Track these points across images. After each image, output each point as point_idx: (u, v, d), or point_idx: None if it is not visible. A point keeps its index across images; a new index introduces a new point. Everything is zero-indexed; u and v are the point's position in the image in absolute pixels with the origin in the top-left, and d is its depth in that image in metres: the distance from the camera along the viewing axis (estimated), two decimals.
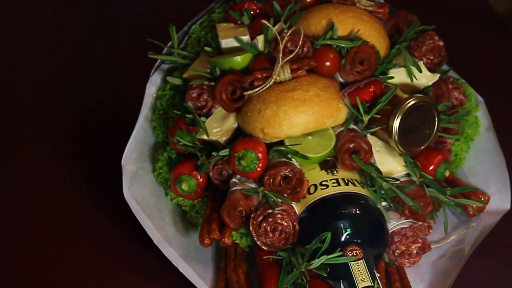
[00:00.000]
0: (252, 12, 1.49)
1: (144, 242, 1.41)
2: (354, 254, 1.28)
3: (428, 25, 1.50)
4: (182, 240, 1.43)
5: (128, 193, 1.42)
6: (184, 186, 1.42)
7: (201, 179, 1.42)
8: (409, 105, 1.36)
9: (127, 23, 1.86)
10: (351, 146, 1.37)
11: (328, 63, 1.41)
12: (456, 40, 1.74)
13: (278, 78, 1.39)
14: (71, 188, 1.53)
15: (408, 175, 1.40)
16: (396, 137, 1.37)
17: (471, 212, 1.44)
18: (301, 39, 1.39)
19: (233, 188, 1.38)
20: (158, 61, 1.52)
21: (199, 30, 1.55)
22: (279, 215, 1.32)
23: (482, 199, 1.45)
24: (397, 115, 1.36)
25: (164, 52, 1.52)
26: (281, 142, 1.39)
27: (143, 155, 1.49)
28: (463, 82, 1.55)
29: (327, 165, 1.39)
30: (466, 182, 1.49)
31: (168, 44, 1.52)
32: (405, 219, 1.38)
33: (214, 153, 1.39)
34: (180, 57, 1.52)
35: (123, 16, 1.88)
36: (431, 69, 1.46)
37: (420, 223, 1.39)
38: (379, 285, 1.25)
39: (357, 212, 1.33)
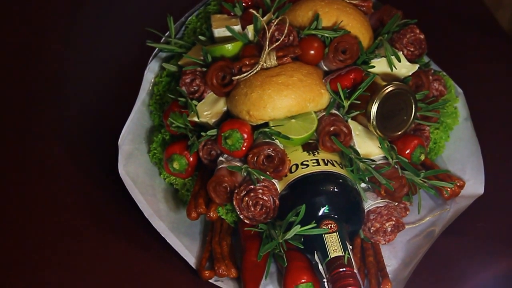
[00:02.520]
0: (244, 4, 1.58)
1: (136, 217, 1.50)
2: (329, 227, 1.37)
3: (423, 24, 1.59)
4: (172, 216, 1.51)
5: (122, 170, 1.52)
6: (176, 165, 1.51)
7: (191, 159, 1.51)
8: (386, 91, 1.44)
9: (128, 16, 1.96)
10: (331, 129, 1.46)
11: (312, 52, 1.50)
12: (442, 37, 1.83)
13: (264, 64, 1.49)
14: (72, 165, 1.63)
15: (385, 158, 1.48)
16: (374, 122, 1.45)
17: (446, 195, 1.52)
18: (287, 28, 1.48)
19: (220, 166, 1.47)
20: (156, 49, 1.61)
21: (196, 21, 1.64)
22: (260, 191, 1.41)
23: (458, 183, 1.52)
24: (375, 101, 1.45)
25: (162, 41, 1.62)
26: (266, 124, 1.48)
27: (139, 137, 1.59)
28: (444, 74, 1.63)
29: (309, 147, 1.48)
30: (445, 169, 1.57)
31: (166, 34, 1.61)
32: (381, 199, 1.46)
33: (203, 133, 1.48)
34: (177, 46, 1.61)
35: (125, 9, 1.99)
36: (412, 61, 1.54)
37: (396, 203, 1.47)
38: (349, 255, 1.33)
39: (335, 189, 1.42)
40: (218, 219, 1.48)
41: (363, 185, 1.48)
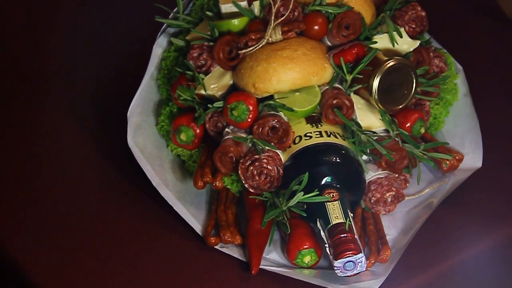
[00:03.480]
0: None
1: (144, 186, 1.54)
2: (331, 195, 1.41)
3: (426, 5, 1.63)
4: (179, 186, 1.56)
5: (131, 141, 1.56)
6: (183, 136, 1.56)
7: (198, 130, 1.55)
8: (388, 65, 1.49)
9: None
10: (334, 101, 1.50)
11: (316, 27, 1.54)
12: (443, 18, 1.88)
13: (270, 39, 1.53)
14: (82, 136, 1.68)
15: (386, 131, 1.52)
16: (376, 96, 1.50)
17: (444, 167, 1.56)
18: (292, 3, 1.53)
19: (226, 137, 1.51)
20: (165, 25, 1.66)
21: None
22: (265, 160, 1.46)
23: (457, 157, 1.57)
24: (376, 75, 1.49)
25: (170, 17, 1.66)
26: (271, 98, 1.52)
27: (148, 110, 1.63)
28: (444, 51, 1.67)
29: (312, 119, 1.52)
30: (443, 141, 1.61)
31: (174, 10, 1.66)
32: (382, 171, 1.51)
33: (209, 106, 1.53)
34: (184, 22, 1.65)
35: None
36: (413, 37, 1.58)
37: (396, 175, 1.52)
38: (350, 222, 1.38)
39: (337, 160, 1.46)
40: (224, 189, 1.53)
41: (364, 157, 1.52)
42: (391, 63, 1.49)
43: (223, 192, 1.53)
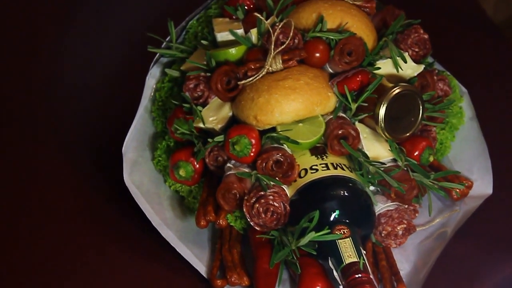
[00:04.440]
0: (246, 7, 1.57)
1: (144, 226, 1.48)
2: (342, 232, 1.35)
3: (424, 24, 1.57)
4: (180, 224, 1.49)
5: (128, 179, 1.49)
6: (182, 172, 1.49)
7: (197, 165, 1.49)
8: (394, 93, 1.43)
9: (127, 21, 1.94)
10: (339, 132, 1.44)
11: (318, 54, 1.48)
12: (444, 37, 1.83)
13: (270, 68, 1.47)
14: (75, 176, 1.61)
15: (394, 160, 1.47)
16: (383, 124, 1.44)
17: (455, 196, 1.51)
18: (292, 31, 1.47)
19: (228, 173, 1.45)
20: (157, 54, 1.59)
21: (196, 25, 1.63)
22: (271, 197, 1.39)
23: (466, 184, 1.52)
24: (383, 103, 1.43)
25: (163, 46, 1.59)
26: (273, 129, 1.46)
27: (143, 144, 1.56)
28: (448, 74, 1.62)
29: (317, 151, 1.46)
30: (451, 169, 1.56)
31: (167, 39, 1.59)
32: (391, 202, 1.45)
33: (209, 140, 1.46)
34: (178, 51, 1.59)
35: (124, 13, 1.97)
36: (416, 61, 1.53)
37: (406, 206, 1.46)
38: (364, 260, 1.32)
39: (345, 194, 1.40)
40: (227, 226, 1.46)
41: (371, 188, 1.46)
42: (398, 90, 1.44)
43: (227, 230, 1.47)
